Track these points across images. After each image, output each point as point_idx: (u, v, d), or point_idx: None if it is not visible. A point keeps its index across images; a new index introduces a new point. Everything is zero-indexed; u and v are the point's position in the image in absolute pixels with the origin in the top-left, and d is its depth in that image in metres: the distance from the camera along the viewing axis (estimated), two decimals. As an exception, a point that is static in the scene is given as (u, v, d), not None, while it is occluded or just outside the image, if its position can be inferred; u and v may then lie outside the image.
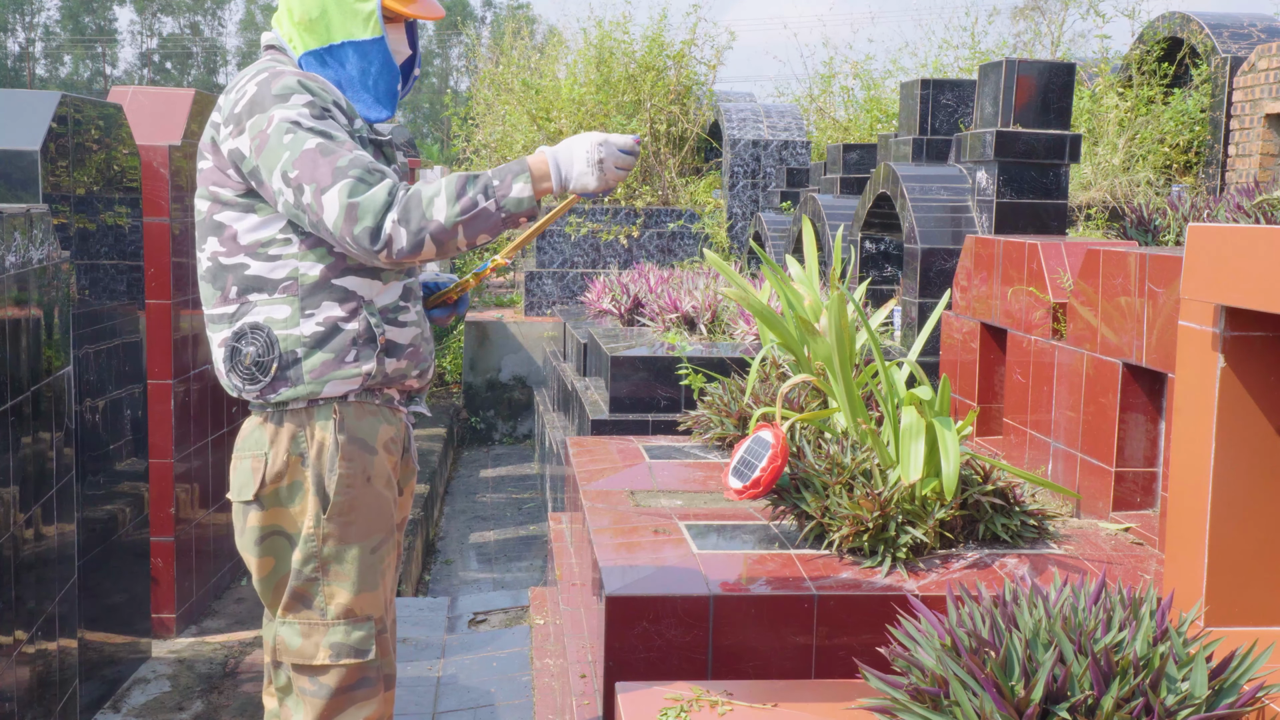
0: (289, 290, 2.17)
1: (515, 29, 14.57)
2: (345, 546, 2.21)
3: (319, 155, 2.06)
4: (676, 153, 12.20)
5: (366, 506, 2.23)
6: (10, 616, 2.72)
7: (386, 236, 2.04)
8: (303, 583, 2.22)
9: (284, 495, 2.21)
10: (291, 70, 2.18)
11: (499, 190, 2.06)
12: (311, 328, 2.17)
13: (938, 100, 6.68)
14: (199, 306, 4.85)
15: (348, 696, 2.22)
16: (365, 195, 2.04)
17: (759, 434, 2.90)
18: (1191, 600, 2.20)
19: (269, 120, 2.10)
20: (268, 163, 2.10)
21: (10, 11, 55.55)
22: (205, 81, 57.65)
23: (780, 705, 2.20)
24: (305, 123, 2.09)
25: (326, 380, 2.17)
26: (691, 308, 5.90)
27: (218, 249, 2.20)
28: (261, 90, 2.14)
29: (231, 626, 4.73)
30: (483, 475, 8.19)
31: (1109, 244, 3.70)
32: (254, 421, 2.24)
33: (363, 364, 2.19)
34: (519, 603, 4.93)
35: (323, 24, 2.23)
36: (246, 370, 2.18)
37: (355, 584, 2.22)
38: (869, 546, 2.76)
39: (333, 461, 2.19)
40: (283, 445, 2.19)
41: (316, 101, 2.14)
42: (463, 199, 2.04)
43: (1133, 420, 3.21)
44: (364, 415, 2.23)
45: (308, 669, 2.23)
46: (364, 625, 2.23)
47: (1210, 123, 8.15)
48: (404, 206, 2.04)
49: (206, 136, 2.23)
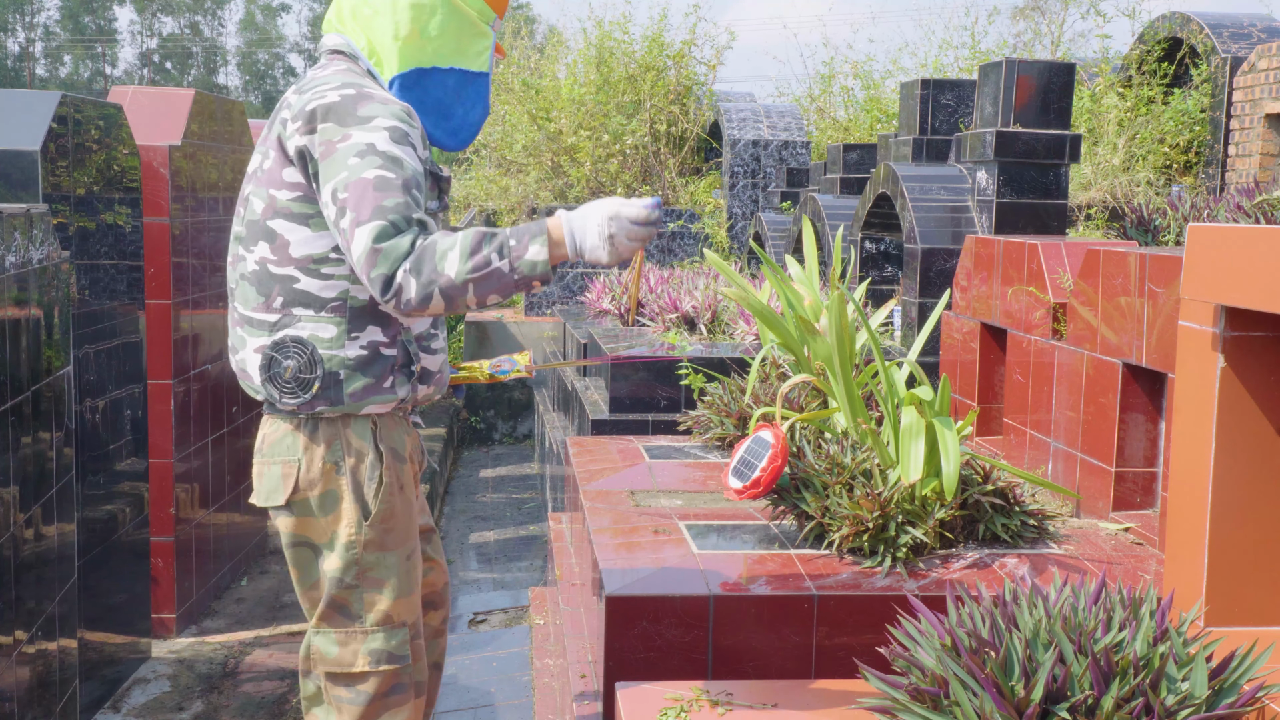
0: (337, 311, 2.16)
1: (515, 29, 14.57)
2: (385, 553, 2.23)
3: (371, 188, 2.02)
4: (676, 153, 12.20)
5: (401, 514, 2.26)
6: (10, 616, 2.72)
7: (397, 285, 2.00)
8: (342, 591, 2.23)
9: (314, 505, 2.21)
10: (381, 96, 2.13)
11: (514, 251, 2.01)
12: (355, 350, 2.17)
13: (938, 100, 6.68)
14: (199, 307, 4.87)
15: (383, 702, 2.24)
16: (390, 242, 2.00)
17: (759, 434, 2.90)
18: (1191, 600, 2.20)
19: (345, 136, 2.06)
20: (326, 172, 2.07)
21: (10, 11, 55.54)
22: (205, 81, 57.65)
23: (780, 705, 2.20)
24: (380, 145, 2.05)
25: (365, 403, 2.19)
26: (691, 308, 5.90)
27: (268, 255, 2.17)
28: (345, 104, 2.09)
29: (231, 626, 4.73)
30: (483, 475, 8.18)
31: (1109, 244, 3.70)
32: (283, 427, 2.22)
33: (399, 390, 2.22)
34: (519, 603, 4.93)
35: (435, 46, 2.20)
36: (286, 384, 2.17)
37: (394, 589, 2.24)
38: (869, 546, 2.76)
39: (373, 470, 2.20)
40: (318, 454, 2.20)
41: (399, 127, 2.10)
42: (476, 256, 1.99)
43: (1133, 420, 3.21)
44: (394, 426, 2.26)
45: (345, 677, 2.24)
46: (400, 631, 2.25)
47: (1210, 123, 8.15)
48: (418, 256, 1.99)
49: (270, 133, 2.19)
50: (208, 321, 4.97)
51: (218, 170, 5.07)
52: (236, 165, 5.38)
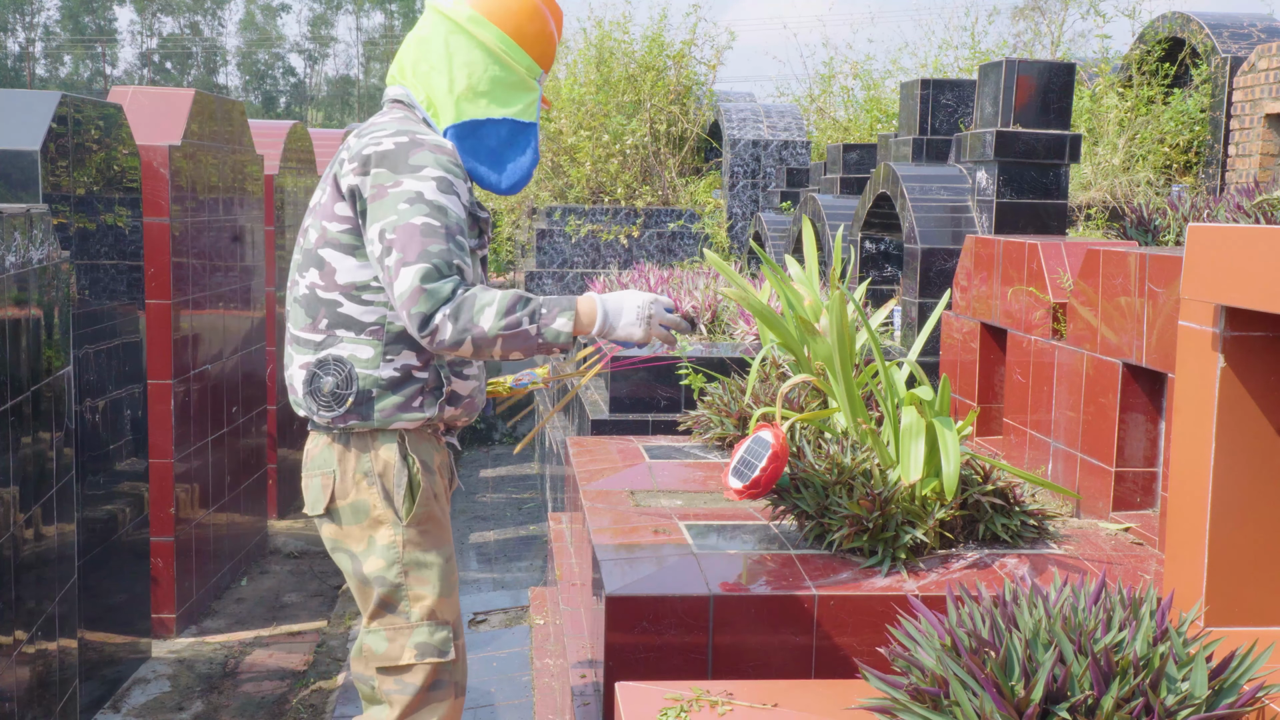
0: (375, 334, 2.34)
1: (515, 29, 14.53)
2: (426, 553, 2.40)
3: (419, 233, 2.21)
4: (676, 153, 12.20)
5: (438, 520, 2.43)
6: (10, 616, 2.72)
7: (435, 326, 2.19)
8: (388, 589, 2.38)
9: (346, 514, 2.38)
10: (433, 143, 2.32)
11: (544, 319, 2.24)
12: (389, 372, 2.34)
13: (938, 100, 6.67)
14: (199, 307, 4.87)
15: (427, 696, 2.38)
16: (434, 285, 2.19)
17: (759, 434, 2.90)
18: (1191, 600, 2.20)
19: (397, 182, 2.25)
20: (375, 214, 2.26)
21: (10, 11, 55.53)
22: (205, 81, 57.63)
23: (780, 705, 2.20)
24: (428, 195, 2.24)
25: (393, 420, 2.36)
26: (691, 308, 5.90)
27: (316, 281, 2.36)
28: (400, 152, 2.28)
29: (231, 626, 4.73)
30: (483, 475, 8.19)
31: (1109, 244, 3.70)
32: (322, 441, 2.41)
33: (426, 410, 2.38)
34: (519, 603, 4.93)
35: (488, 99, 2.39)
36: (324, 398, 2.35)
37: (437, 587, 2.39)
38: (869, 546, 2.76)
39: (399, 478, 2.37)
40: (350, 465, 2.37)
41: (448, 176, 2.28)
42: (509, 316, 2.21)
43: (1133, 420, 3.21)
44: (422, 441, 2.42)
45: (394, 670, 2.39)
46: (445, 628, 2.40)
47: (1210, 123, 8.15)
48: (458, 304, 2.20)
49: (330, 171, 2.40)
50: (208, 321, 4.97)
51: (218, 170, 5.07)
52: (236, 165, 5.37)
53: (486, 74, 2.39)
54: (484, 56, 2.39)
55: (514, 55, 2.41)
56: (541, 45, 2.45)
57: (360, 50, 62.12)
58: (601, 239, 11.15)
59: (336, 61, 66.83)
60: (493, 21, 2.40)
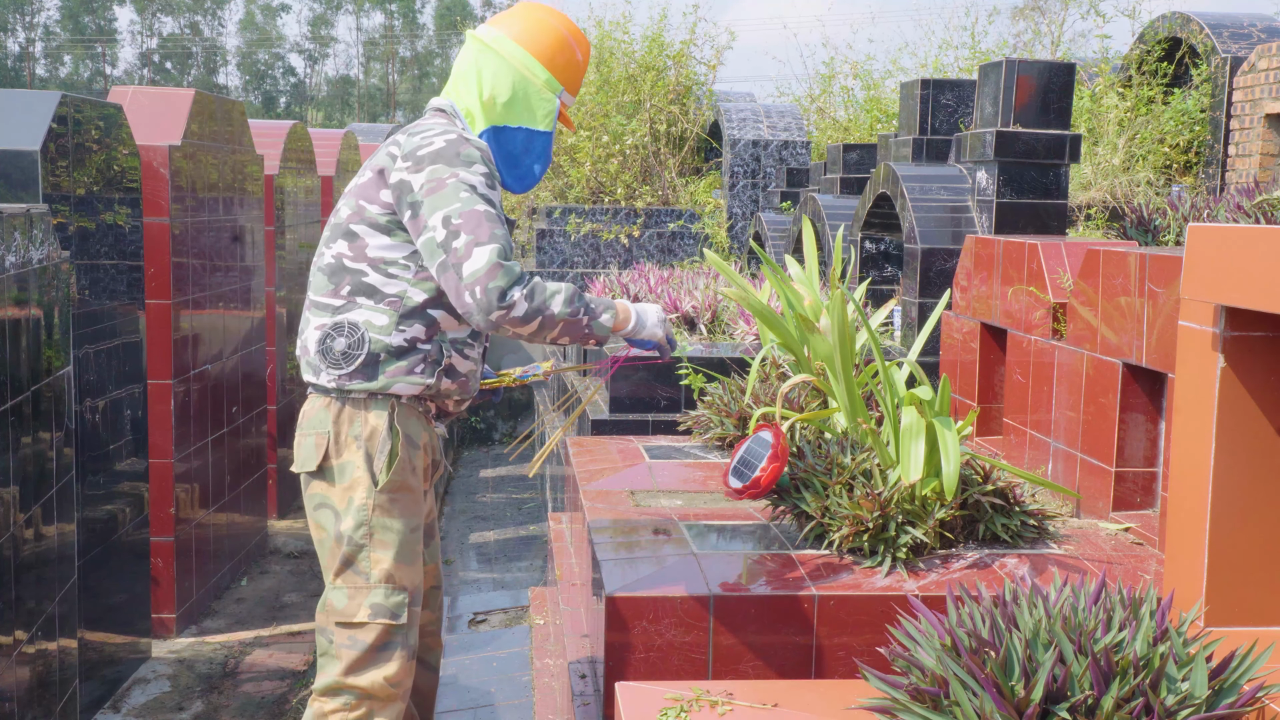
0: (393, 305, 2.55)
1: (515, 29, 14.52)
2: (391, 519, 2.57)
3: (484, 219, 2.45)
4: (676, 153, 12.20)
5: (411, 492, 2.60)
6: (10, 616, 2.72)
7: (512, 300, 2.42)
8: (353, 548, 2.56)
9: (335, 472, 2.57)
10: (474, 141, 2.57)
11: (594, 312, 2.54)
12: (399, 340, 2.55)
13: (938, 100, 6.67)
14: (199, 307, 4.87)
15: (376, 655, 2.55)
16: (509, 263, 2.44)
17: (759, 434, 2.90)
18: (1191, 600, 2.20)
19: (454, 174, 2.49)
20: (435, 204, 2.47)
21: (10, 11, 55.52)
22: (205, 81, 57.62)
23: (780, 705, 2.20)
24: (480, 189, 2.49)
25: (394, 384, 2.55)
26: (691, 308, 5.90)
27: (345, 252, 2.57)
28: (450, 148, 2.52)
29: (231, 626, 4.73)
30: (483, 475, 8.18)
31: (1109, 244, 3.70)
32: (319, 403, 2.60)
33: (425, 377, 2.57)
34: (519, 603, 4.93)
35: (510, 107, 2.66)
36: (334, 357, 2.54)
37: (396, 553, 2.56)
38: (869, 546, 2.76)
39: (383, 445, 2.55)
40: (343, 427, 2.56)
41: (492, 175, 2.55)
42: (573, 305, 2.49)
43: (1133, 420, 3.21)
44: (411, 415, 2.61)
45: (349, 626, 2.56)
46: (400, 593, 2.56)
47: (1210, 123, 8.15)
48: (532, 288, 2.45)
49: (378, 160, 2.60)
50: (208, 321, 4.97)
51: (218, 170, 5.07)
52: (236, 165, 5.37)
53: (507, 85, 2.66)
54: (507, 71, 2.66)
55: (533, 69, 2.67)
56: (562, 63, 2.71)
57: (360, 50, 62.13)
58: (601, 239, 11.15)
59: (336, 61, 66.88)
60: (514, 39, 2.68)
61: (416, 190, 2.49)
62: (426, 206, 2.47)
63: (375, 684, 2.54)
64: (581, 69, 2.76)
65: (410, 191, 2.50)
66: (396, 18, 61.36)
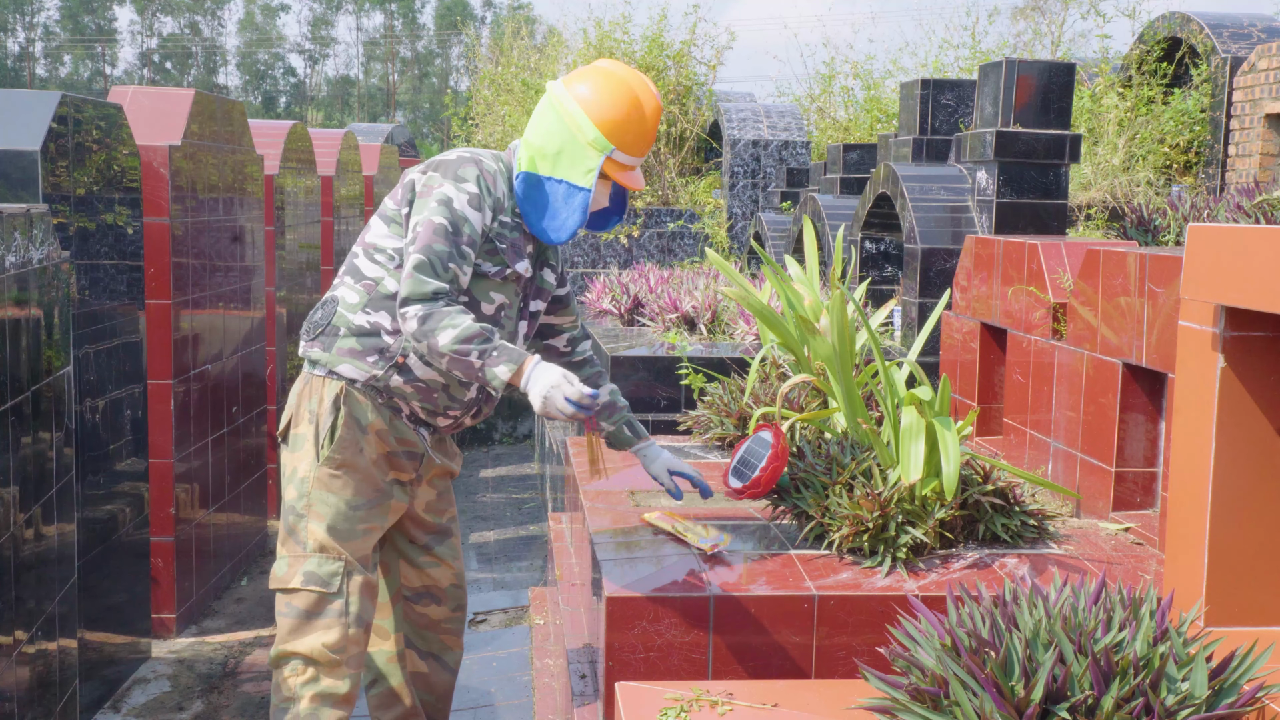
0: (367, 288, 2.69)
1: (515, 29, 14.55)
2: (329, 494, 2.68)
3: (436, 234, 2.57)
4: (676, 153, 12.19)
5: (356, 470, 2.70)
6: (10, 616, 2.72)
7: (406, 313, 2.54)
8: (294, 517, 2.69)
9: (293, 441, 2.73)
10: (488, 164, 2.72)
11: (490, 360, 2.53)
12: (362, 321, 2.68)
13: (938, 100, 6.67)
14: (199, 307, 4.87)
15: (311, 623, 2.67)
16: (422, 276, 2.54)
17: (759, 434, 2.90)
18: (1191, 600, 2.20)
19: (440, 184, 2.64)
20: (418, 208, 2.65)
21: (10, 11, 55.51)
22: (205, 81, 57.61)
23: (780, 705, 2.20)
24: (455, 204, 2.61)
25: (342, 361, 2.68)
26: (691, 308, 5.90)
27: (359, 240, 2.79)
28: (455, 162, 2.69)
29: (231, 626, 4.73)
30: (483, 475, 8.18)
31: (1109, 244, 3.70)
32: (299, 376, 2.78)
33: (374, 367, 2.69)
34: (519, 603, 4.93)
35: (553, 160, 2.72)
36: (310, 323, 2.73)
37: (329, 525, 2.67)
38: (869, 546, 2.76)
39: (326, 422, 2.67)
40: (303, 400, 2.72)
41: (480, 195, 2.66)
42: (464, 344, 2.51)
43: (1133, 420, 3.21)
44: (363, 400, 2.71)
45: (285, 592, 2.70)
46: (335, 562, 2.67)
47: (1210, 123, 8.15)
48: (430, 313, 2.53)
49: None
50: (208, 321, 4.97)
51: (218, 170, 5.07)
52: (236, 165, 5.37)
53: (556, 141, 2.72)
54: (557, 121, 2.73)
55: (582, 127, 2.71)
56: (619, 121, 2.71)
57: (360, 50, 62.10)
58: (601, 239, 11.14)
59: (336, 62, 66.83)
60: (574, 96, 2.73)
61: (418, 190, 2.69)
62: (415, 206, 2.66)
63: (314, 649, 2.66)
64: (645, 129, 2.76)
65: (413, 190, 2.70)
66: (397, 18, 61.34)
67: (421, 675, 2.99)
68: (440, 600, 2.95)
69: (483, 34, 45.38)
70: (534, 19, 35.74)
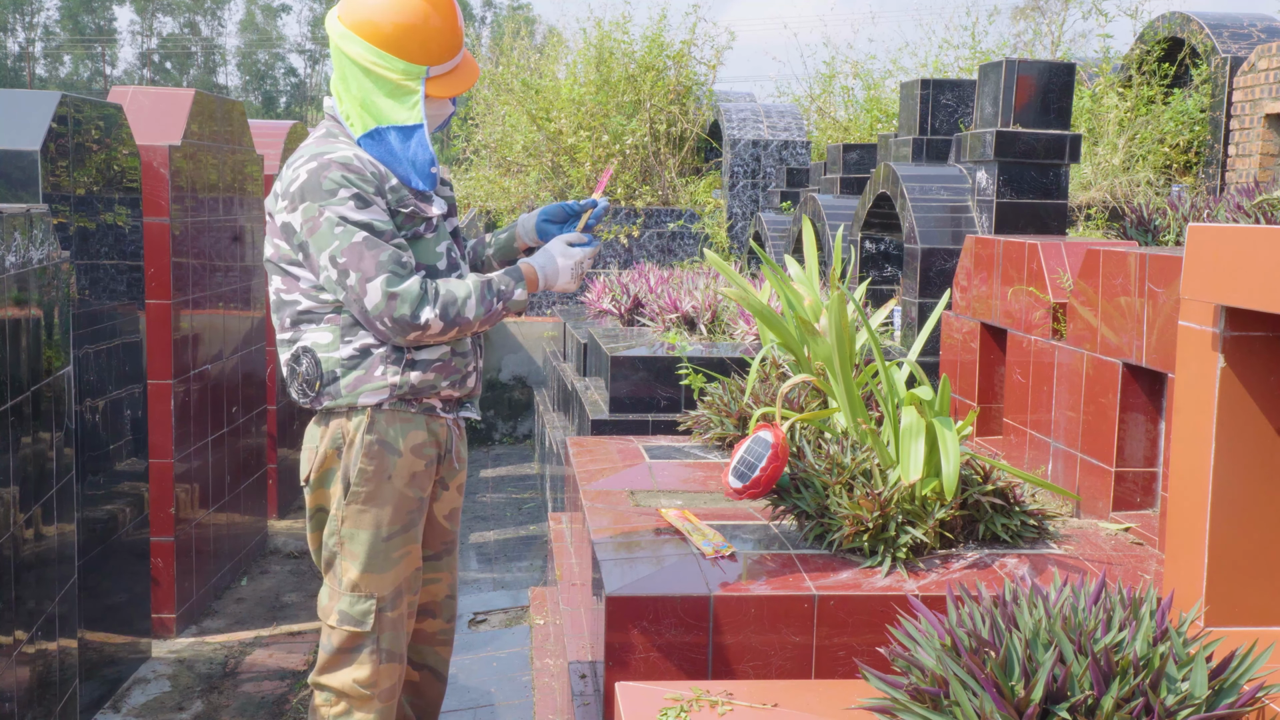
0: (331, 321, 2.58)
1: (515, 29, 14.56)
2: (357, 530, 2.62)
3: (365, 249, 2.47)
4: (676, 153, 12.19)
5: (383, 499, 2.62)
6: (10, 616, 2.72)
7: (425, 323, 2.49)
8: (329, 554, 2.67)
9: (325, 480, 2.65)
10: (341, 154, 2.50)
11: (506, 294, 2.60)
12: (348, 352, 2.58)
13: (938, 100, 6.67)
14: (199, 307, 4.87)
15: (345, 656, 2.65)
16: (402, 286, 2.47)
17: (759, 434, 2.90)
18: (1191, 600, 2.20)
19: (321, 211, 2.48)
20: (318, 245, 2.49)
21: (10, 11, 55.51)
22: (205, 81, 57.61)
23: (780, 705, 2.20)
24: (351, 217, 2.47)
25: (360, 392, 2.59)
26: (691, 308, 5.90)
27: (280, 287, 2.62)
28: (312, 180, 2.48)
29: (231, 626, 4.73)
30: (483, 475, 8.18)
31: (1109, 244, 3.70)
32: (313, 421, 2.70)
33: (389, 377, 2.59)
34: (519, 603, 4.93)
35: (371, 110, 2.54)
36: (300, 386, 2.62)
37: (363, 563, 2.62)
38: (869, 546, 2.76)
39: (358, 456, 2.59)
40: (327, 440, 2.63)
41: (360, 193, 2.49)
42: (485, 303, 2.56)
43: (1133, 420, 3.21)
44: (395, 421, 2.62)
45: (325, 626, 2.69)
46: (367, 601, 2.63)
47: (1210, 123, 8.15)
48: (442, 304, 2.51)
49: (269, 199, 2.61)
50: (208, 321, 4.97)
51: (218, 170, 5.07)
52: (236, 165, 5.37)
53: (362, 88, 2.53)
54: (358, 71, 2.52)
55: (385, 63, 2.49)
56: (419, 41, 2.49)
57: (360, 50, 62.01)
58: (601, 238, 11.14)
59: (336, 61, 66.70)
60: (358, 34, 2.49)
61: (300, 231, 2.51)
62: (312, 246, 2.50)
63: (346, 685, 2.64)
64: (447, 30, 2.51)
65: (294, 233, 2.52)
66: (396, 18, 61.25)
67: (413, 685, 2.99)
68: (436, 614, 2.94)
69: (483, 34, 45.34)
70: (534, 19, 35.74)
